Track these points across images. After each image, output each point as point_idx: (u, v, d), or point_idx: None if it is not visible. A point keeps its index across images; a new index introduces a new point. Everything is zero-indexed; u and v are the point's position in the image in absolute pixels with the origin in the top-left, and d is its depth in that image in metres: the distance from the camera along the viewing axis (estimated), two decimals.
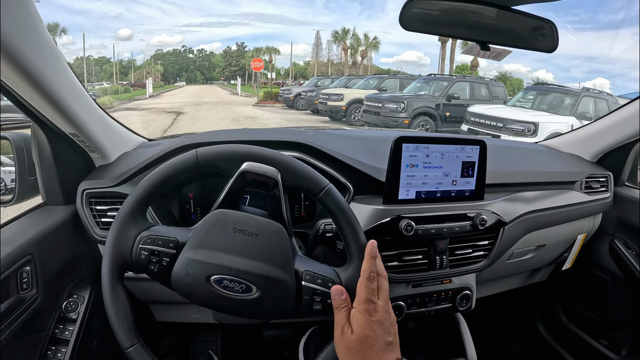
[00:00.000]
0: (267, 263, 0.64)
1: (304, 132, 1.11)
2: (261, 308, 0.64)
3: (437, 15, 0.80)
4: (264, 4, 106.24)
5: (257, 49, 55.32)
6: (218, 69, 71.95)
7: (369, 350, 0.59)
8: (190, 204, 1.04)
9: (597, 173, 1.35)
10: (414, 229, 0.92)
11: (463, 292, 1.06)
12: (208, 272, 0.63)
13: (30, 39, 0.66)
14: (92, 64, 56.63)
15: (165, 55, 73.52)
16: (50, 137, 0.92)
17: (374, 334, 0.60)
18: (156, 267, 0.64)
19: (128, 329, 0.62)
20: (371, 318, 0.61)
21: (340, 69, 52.08)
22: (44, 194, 1.00)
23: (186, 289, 0.64)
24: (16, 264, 0.79)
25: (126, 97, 27.96)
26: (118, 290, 0.63)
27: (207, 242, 0.64)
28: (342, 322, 0.62)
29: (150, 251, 0.64)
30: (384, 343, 0.60)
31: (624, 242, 1.37)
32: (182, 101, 22.84)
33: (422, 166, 0.94)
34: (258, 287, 0.63)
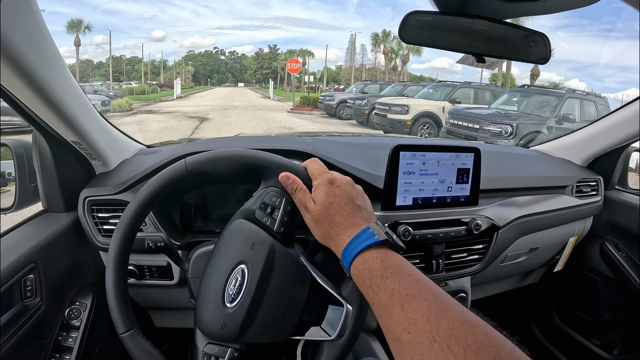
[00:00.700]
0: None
1: (302, 139, 1.13)
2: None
3: (435, 28, 0.83)
4: (295, 8, 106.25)
5: (290, 51, 53.82)
6: (250, 71, 71.16)
7: (337, 214, 0.57)
8: (191, 211, 1.06)
9: (588, 177, 1.38)
10: (411, 234, 0.95)
11: (458, 295, 1.08)
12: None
13: (35, 46, 0.67)
14: (124, 64, 55.89)
15: (197, 56, 73.30)
16: (52, 144, 0.93)
17: (339, 199, 0.58)
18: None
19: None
20: (332, 185, 0.60)
21: (374, 73, 51.10)
22: (44, 201, 1.00)
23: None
24: (20, 272, 0.80)
25: (152, 97, 27.65)
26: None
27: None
28: (302, 201, 0.62)
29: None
30: (352, 207, 0.58)
31: (614, 244, 1.41)
32: (209, 104, 21.95)
33: (418, 173, 0.96)
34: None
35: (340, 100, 14.26)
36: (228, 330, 0.63)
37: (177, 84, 32.46)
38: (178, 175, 0.68)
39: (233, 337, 0.63)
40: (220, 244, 0.70)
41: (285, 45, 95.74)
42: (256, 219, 0.68)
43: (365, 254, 0.52)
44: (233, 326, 0.62)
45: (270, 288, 0.64)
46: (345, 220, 0.56)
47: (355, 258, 0.52)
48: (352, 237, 0.54)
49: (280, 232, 0.68)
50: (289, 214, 0.68)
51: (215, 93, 40.93)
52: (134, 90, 32.28)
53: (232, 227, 0.69)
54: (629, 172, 1.45)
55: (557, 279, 1.53)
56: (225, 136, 1.30)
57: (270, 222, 0.68)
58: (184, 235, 1.02)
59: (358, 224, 0.55)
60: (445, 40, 0.83)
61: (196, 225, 1.06)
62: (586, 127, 1.42)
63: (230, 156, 0.69)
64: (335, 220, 0.57)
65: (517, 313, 1.75)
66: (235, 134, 1.97)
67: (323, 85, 48.41)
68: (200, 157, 0.68)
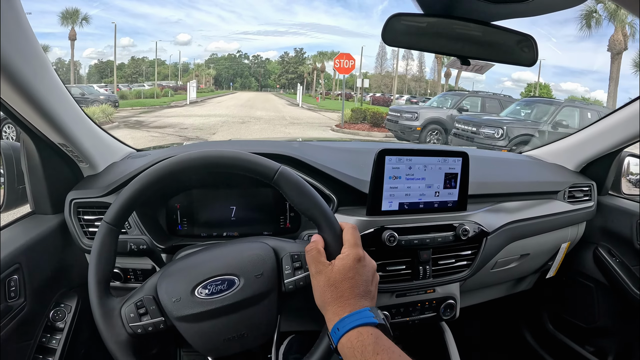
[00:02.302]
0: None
1: (289, 144, 1.13)
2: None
3: (419, 30, 0.82)
4: (320, 15, 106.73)
5: (321, 53, 49.01)
6: (274, 76, 69.05)
7: (349, 290, 0.60)
8: (177, 214, 1.05)
9: (581, 182, 1.37)
10: (396, 239, 0.94)
11: (447, 302, 1.07)
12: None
13: (19, 49, 0.67)
14: (145, 65, 55.71)
15: (220, 59, 71.64)
16: (40, 146, 0.93)
17: (358, 278, 0.61)
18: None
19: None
20: (359, 263, 0.63)
21: (404, 80, 48.73)
22: (32, 203, 1.00)
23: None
24: (4, 273, 0.80)
25: (159, 102, 23.66)
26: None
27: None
28: (316, 259, 0.64)
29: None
30: (364, 290, 0.61)
31: (607, 250, 1.40)
32: (225, 113, 18.09)
33: (404, 178, 0.96)
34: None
35: (430, 120, 9.75)
36: (176, 307, 0.64)
37: (190, 87, 27.19)
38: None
39: (172, 315, 0.64)
40: (237, 243, 0.72)
41: (309, 51, 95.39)
42: (280, 260, 0.69)
43: (362, 329, 0.56)
44: (183, 309, 0.64)
45: (238, 315, 0.65)
46: (352, 297, 0.60)
47: (350, 330, 0.56)
48: (352, 312, 0.58)
49: (286, 290, 0.68)
50: (306, 283, 0.68)
51: (235, 98, 36.60)
52: (142, 93, 29.10)
53: (258, 245, 0.71)
54: (622, 177, 1.44)
55: (550, 285, 1.51)
56: (220, 140, 1.30)
57: (288, 274, 0.68)
58: (169, 239, 1.02)
59: (361, 304, 0.59)
60: (431, 43, 0.83)
61: (182, 229, 1.06)
62: (579, 132, 1.41)
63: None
64: (344, 294, 0.60)
65: (510, 320, 1.74)
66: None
67: (358, 93, 45.49)
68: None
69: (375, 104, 30.97)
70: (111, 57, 58.92)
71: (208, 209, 1.07)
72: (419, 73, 47.80)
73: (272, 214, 1.08)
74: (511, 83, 78.86)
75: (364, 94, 41.34)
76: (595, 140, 1.34)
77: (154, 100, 25.97)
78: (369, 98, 34.42)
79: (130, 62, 51.32)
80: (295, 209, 0.69)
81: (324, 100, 31.86)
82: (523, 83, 68.76)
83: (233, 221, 1.07)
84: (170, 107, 21.75)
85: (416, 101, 29.23)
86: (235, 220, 1.07)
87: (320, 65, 46.86)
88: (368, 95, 38.83)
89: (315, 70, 50.12)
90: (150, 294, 0.66)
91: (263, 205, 1.07)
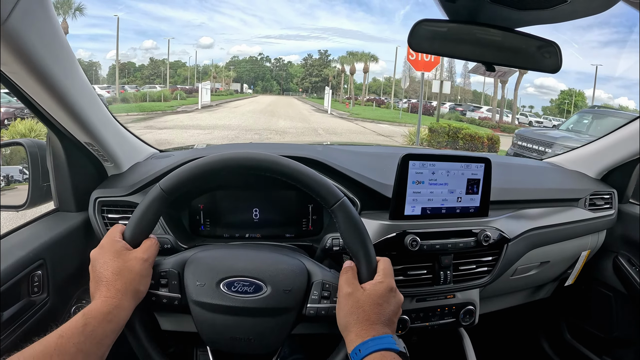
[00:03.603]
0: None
1: (313, 147, 1.13)
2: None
3: (445, 37, 0.83)
4: (342, 20, 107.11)
5: (351, 53, 44.34)
6: (296, 79, 67.06)
7: (375, 315, 0.62)
8: (200, 215, 1.06)
9: (601, 190, 1.35)
10: (419, 244, 0.94)
11: (466, 307, 1.06)
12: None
13: (50, 49, 0.69)
14: (165, 67, 55.46)
15: (241, 62, 69.89)
16: (66, 145, 0.95)
17: (386, 307, 0.63)
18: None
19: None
20: (390, 293, 0.65)
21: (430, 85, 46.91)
22: (56, 200, 1.02)
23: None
24: (28, 268, 0.81)
25: (163, 107, 20.15)
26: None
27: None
28: (349, 280, 0.65)
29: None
30: (388, 318, 0.63)
31: (627, 259, 1.37)
32: (238, 123, 14.47)
33: (428, 183, 0.96)
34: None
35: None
36: (198, 291, 0.66)
37: (203, 89, 23.66)
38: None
39: (191, 297, 0.67)
40: (275, 252, 0.74)
41: (332, 54, 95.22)
42: (311, 284, 0.70)
43: (385, 353, 0.57)
44: (203, 295, 0.66)
45: (253, 320, 0.67)
46: (378, 323, 0.61)
47: (373, 353, 0.57)
48: (375, 336, 0.60)
49: (307, 313, 0.69)
50: (327, 314, 0.69)
51: (255, 102, 32.77)
52: (148, 96, 25.20)
53: (294, 262, 0.72)
54: None
55: (569, 293, 1.49)
56: (240, 142, 1.31)
57: (314, 299, 0.69)
58: (192, 239, 1.03)
59: (384, 331, 0.61)
60: (455, 48, 0.83)
61: (205, 229, 1.07)
62: (600, 139, 1.40)
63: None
64: (371, 318, 0.61)
65: (528, 328, 1.71)
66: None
67: (388, 98, 41.55)
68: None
69: (415, 112, 27.05)
70: (133, 60, 59.23)
71: (231, 210, 1.07)
72: (448, 79, 46.32)
73: (295, 216, 1.08)
74: (534, 89, 77.47)
75: (396, 99, 38.75)
76: (617, 147, 1.32)
77: (159, 104, 22.49)
78: (405, 104, 30.81)
79: (150, 64, 51.36)
80: (342, 239, 0.69)
81: (354, 106, 28.79)
82: (546, 90, 67.04)
83: (255, 223, 1.07)
84: (175, 112, 18.81)
85: (462, 109, 27.70)
86: (258, 221, 1.07)
87: (350, 67, 42.91)
88: (401, 101, 35.31)
89: (343, 73, 47.69)
90: (177, 269, 0.68)
91: (285, 207, 1.08)
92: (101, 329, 0.57)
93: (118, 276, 0.62)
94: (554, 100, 39.84)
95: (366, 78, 43.02)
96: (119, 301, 0.60)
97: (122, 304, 0.60)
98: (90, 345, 0.56)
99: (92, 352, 0.56)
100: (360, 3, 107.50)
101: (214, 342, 0.69)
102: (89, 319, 0.57)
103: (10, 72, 0.67)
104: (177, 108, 20.74)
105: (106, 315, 0.58)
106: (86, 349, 0.55)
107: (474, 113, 28.33)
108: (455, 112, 28.09)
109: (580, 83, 71.92)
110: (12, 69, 0.66)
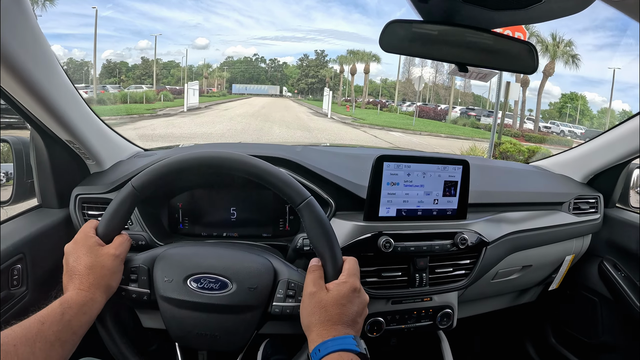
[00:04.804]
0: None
1: (291, 148, 1.13)
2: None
3: (417, 37, 0.82)
4: (338, 21, 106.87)
5: (352, 52, 41.10)
6: (291, 80, 65.14)
7: (338, 315, 0.62)
8: (179, 213, 1.07)
9: (587, 194, 1.34)
10: (392, 245, 0.94)
11: (444, 311, 1.06)
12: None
13: (28, 49, 0.70)
14: (159, 67, 54.70)
15: (236, 63, 68.29)
16: (48, 142, 0.96)
17: (350, 307, 0.63)
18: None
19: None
20: (354, 294, 0.64)
21: (436, 90, 43.61)
22: (39, 196, 1.03)
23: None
24: (8, 261, 0.83)
25: (142, 110, 17.94)
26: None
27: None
28: (314, 279, 0.65)
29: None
30: (352, 318, 0.63)
31: (613, 264, 1.36)
32: (222, 131, 12.63)
33: (403, 184, 0.95)
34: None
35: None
36: (165, 286, 0.68)
37: (190, 89, 20.84)
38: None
39: (159, 292, 0.68)
40: (242, 250, 0.75)
41: (328, 55, 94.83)
42: (277, 283, 0.71)
43: (343, 354, 0.57)
44: (170, 291, 0.68)
45: (219, 317, 0.68)
46: (340, 323, 0.61)
47: (331, 353, 0.58)
48: (336, 336, 0.60)
49: (271, 312, 0.70)
50: (292, 313, 0.69)
51: (248, 104, 29.74)
52: (129, 97, 22.76)
53: (260, 260, 0.73)
54: (631, 189, 1.40)
55: (554, 298, 1.49)
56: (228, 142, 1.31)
57: (279, 297, 0.70)
58: (170, 237, 1.04)
59: (346, 332, 0.61)
60: (428, 49, 0.83)
61: (183, 227, 1.08)
62: (587, 143, 1.39)
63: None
64: (332, 318, 0.61)
65: (513, 332, 1.70)
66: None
67: (389, 100, 39.24)
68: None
69: (423, 117, 26.23)
70: (128, 60, 59.01)
71: (209, 209, 1.08)
72: (449, 82, 45.05)
73: (272, 216, 1.09)
74: (529, 92, 77.29)
75: (398, 102, 36.20)
76: (603, 151, 1.31)
77: (138, 106, 20.09)
78: (409, 107, 28.35)
79: (141, 64, 51.09)
80: (308, 238, 0.69)
81: (354, 109, 26.09)
82: (544, 93, 66.60)
83: (233, 222, 1.08)
84: (154, 116, 16.70)
85: (476, 114, 25.81)
86: (236, 221, 1.08)
87: (351, 66, 40.00)
88: (404, 104, 33.32)
89: (341, 74, 45.67)
90: (147, 265, 0.69)
91: (263, 207, 1.09)
92: (77, 319, 0.59)
93: (90, 271, 0.63)
94: (554, 103, 38.96)
95: (367, 79, 40.93)
96: (92, 294, 0.62)
97: (95, 297, 0.62)
98: (67, 335, 0.57)
99: (68, 341, 0.57)
100: (357, 5, 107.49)
101: (181, 338, 0.70)
102: (65, 309, 0.58)
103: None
104: (159, 111, 18.71)
105: (81, 307, 0.60)
106: (64, 337, 0.56)
107: (490, 119, 25.14)
108: (470, 118, 25.79)
109: (576, 86, 71.31)
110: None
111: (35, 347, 0.53)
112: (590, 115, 35.74)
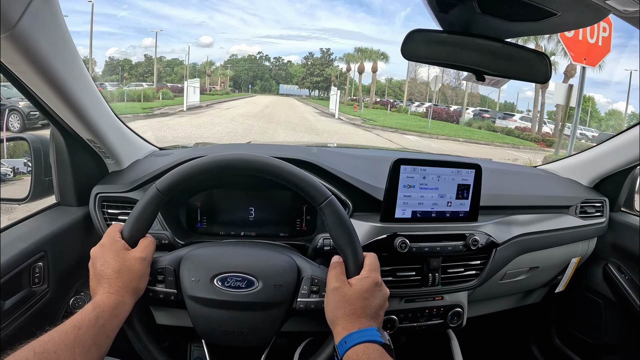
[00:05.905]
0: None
1: (308, 149, 1.16)
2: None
3: (437, 46, 0.85)
4: (343, 20, 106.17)
5: (359, 50, 39.52)
6: (296, 79, 64.24)
7: (361, 309, 0.64)
8: (197, 212, 1.09)
9: (593, 198, 1.37)
10: (408, 246, 0.96)
11: (454, 309, 1.09)
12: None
13: (58, 51, 0.72)
14: (162, 65, 53.94)
15: (240, 61, 67.50)
16: (69, 141, 0.98)
17: (372, 300, 0.66)
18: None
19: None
20: (376, 287, 0.67)
21: (443, 90, 41.79)
22: (58, 194, 1.05)
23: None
24: (30, 259, 0.84)
25: (137, 109, 16.67)
26: None
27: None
28: (337, 275, 0.68)
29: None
30: (375, 311, 0.65)
31: (617, 267, 1.39)
32: (220, 135, 11.55)
33: (418, 187, 0.98)
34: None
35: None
36: (193, 286, 0.70)
37: (190, 87, 19.60)
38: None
39: (187, 292, 0.70)
40: (266, 249, 0.78)
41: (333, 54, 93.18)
42: (301, 279, 0.73)
43: (369, 345, 0.60)
44: (198, 290, 0.70)
45: (246, 314, 0.70)
46: (364, 316, 0.64)
47: (357, 345, 0.60)
48: (361, 328, 0.62)
49: (297, 307, 0.72)
50: (316, 308, 0.72)
51: (251, 103, 28.61)
52: (126, 95, 21.74)
53: (285, 258, 0.75)
54: (636, 194, 1.44)
55: (559, 299, 1.51)
56: (239, 143, 1.33)
57: (303, 293, 0.72)
58: (189, 236, 1.06)
59: (370, 324, 0.64)
60: (447, 58, 0.86)
61: (202, 226, 1.10)
62: (594, 148, 1.42)
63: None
64: (357, 311, 0.64)
65: (517, 332, 1.73)
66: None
67: (397, 101, 37.76)
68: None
69: (435, 118, 24.28)
70: (132, 57, 58.44)
71: (227, 208, 1.10)
72: (455, 82, 43.85)
73: (289, 216, 1.11)
74: (532, 93, 76.65)
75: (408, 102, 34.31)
76: (610, 156, 1.34)
77: (134, 105, 19.04)
78: (420, 107, 27.03)
79: (145, 61, 50.60)
80: (330, 236, 0.71)
81: (362, 109, 24.83)
82: (547, 94, 66.08)
83: (251, 221, 1.10)
84: (150, 116, 15.60)
85: (491, 116, 24.40)
86: (253, 220, 1.10)
87: (358, 65, 38.86)
88: (414, 104, 32.43)
89: (348, 72, 44.22)
90: (173, 266, 0.71)
91: (281, 207, 1.11)
92: (110, 323, 0.60)
93: (119, 274, 0.64)
94: (561, 105, 38.55)
95: (375, 78, 39.53)
96: (122, 297, 0.63)
97: (124, 300, 0.63)
98: (102, 338, 0.58)
99: (103, 344, 0.58)
100: (361, 4, 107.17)
101: (209, 335, 0.72)
102: (99, 313, 0.59)
103: (19, 72, 0.70)
104: (156, 110, 17.46)
105: (113, 310, 0.61)
106: (99, 341, 0.57)
107: (507, 122, 23.68)
108: (485, 120, 24.16)
109: (619, 94, 70.71)
110: (20, 68, 0.69)
111: (75, 353, 0.54)
112: (599, 117, 35.51)
